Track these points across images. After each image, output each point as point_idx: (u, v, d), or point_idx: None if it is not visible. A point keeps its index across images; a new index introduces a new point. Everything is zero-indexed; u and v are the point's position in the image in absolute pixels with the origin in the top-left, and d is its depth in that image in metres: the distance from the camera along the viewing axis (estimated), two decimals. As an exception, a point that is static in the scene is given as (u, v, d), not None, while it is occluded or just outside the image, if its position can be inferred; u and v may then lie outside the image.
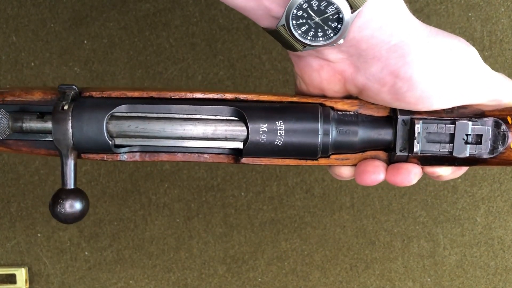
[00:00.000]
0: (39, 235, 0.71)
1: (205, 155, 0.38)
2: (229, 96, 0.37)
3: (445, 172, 0.38)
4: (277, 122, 0.36)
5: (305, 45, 0.34)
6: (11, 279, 0.71)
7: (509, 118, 0.37)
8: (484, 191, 0.71)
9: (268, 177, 0.71)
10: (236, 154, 0.38)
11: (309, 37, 0.34)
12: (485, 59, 0.69)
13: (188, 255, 0.72)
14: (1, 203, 0.71)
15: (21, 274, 0.70)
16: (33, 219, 0.71)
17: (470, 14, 0.68)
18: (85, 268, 0.72)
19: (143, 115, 0.37)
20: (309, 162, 0.38)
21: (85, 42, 0.69)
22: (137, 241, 0.72)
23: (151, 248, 0.72)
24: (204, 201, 0.71)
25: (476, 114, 0.37)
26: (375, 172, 0.37)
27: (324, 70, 0.37)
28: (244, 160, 0.38)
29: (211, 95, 0.37)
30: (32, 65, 0.69)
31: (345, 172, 0.39)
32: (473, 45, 0.69)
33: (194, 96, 0.37)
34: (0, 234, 0.71)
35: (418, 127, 0.36)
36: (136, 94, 0.37)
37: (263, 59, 0.69)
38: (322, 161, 0.38)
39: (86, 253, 0.72)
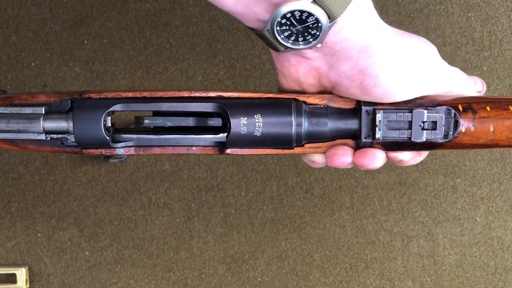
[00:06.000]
0: (39, 235, 0.71)
1: (193, 148, 0.42)
2: (212, 94, 0.41)
3: (406, 157, 0.43)
4: (255, 116, 0.40)
5: (286, 48, 0.38)
6: (12, 278, 0.71)
7: (460, 107, 0.41)
8: (483, 191, 0.71)
9: (268, 177, 0.71)
10: (220, 146, 0.41)
11: (290, 41, 0.37)
12: (485, 59, 0.69)
13: (188, 255, 0.72)
14: (1, 203, 0.71)
15: (22, 274, 0.70)
16: (33, 219, 0.71)
17: (469, 14, 0.68)
18: (85, 268, 0.72)
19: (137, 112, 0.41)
20: (286, 151, 0.42)
21: (86, 42, 0.69)
22: (137, 241, 0.72)
23: (151, 248, 0.72)
24: (204, 201, 0.71)
25: (432, 103, 0.41)
26: (344, 155, 0.42)
27: (301, 65, 0.40)
28: (228, 151, 0.41)
29: (196, 94, 0.41)
30: (32, 65, 0.69)
31: (318, 159, 0.44)
32: (473, 45, 0.70)
33: (181, 95, 0.41)
34: (1, 234, 0.71)
35: (379, 116, 0.40)
36: (130, 94, 0.40)
37: (263, 59, 0.70)
38: (298, 150, 0.42)
39: (87, 253, 0.72)
